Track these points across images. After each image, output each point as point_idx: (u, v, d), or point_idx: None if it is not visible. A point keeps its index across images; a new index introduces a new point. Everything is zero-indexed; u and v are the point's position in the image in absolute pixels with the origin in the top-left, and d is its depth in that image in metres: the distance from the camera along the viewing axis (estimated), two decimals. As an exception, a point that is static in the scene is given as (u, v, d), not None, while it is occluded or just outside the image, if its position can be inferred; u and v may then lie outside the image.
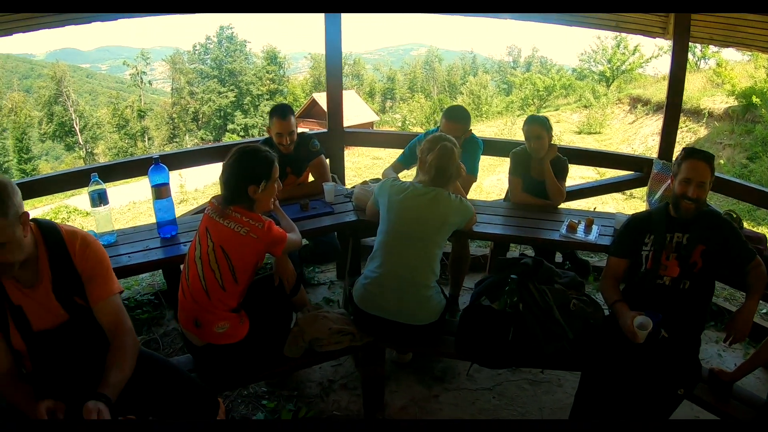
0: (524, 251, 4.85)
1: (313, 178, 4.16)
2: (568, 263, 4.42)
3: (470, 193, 3.82)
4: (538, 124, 3.86)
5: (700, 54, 29.54)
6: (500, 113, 42.82)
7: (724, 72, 21.64)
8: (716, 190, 4.36)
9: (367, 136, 6.97)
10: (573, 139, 25.67)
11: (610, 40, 38.78)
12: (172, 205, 3.29)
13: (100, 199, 3.10)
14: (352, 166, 20.83)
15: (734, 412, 2.70)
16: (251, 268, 2.65)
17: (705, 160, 2.76)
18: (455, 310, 3.92)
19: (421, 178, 3.08)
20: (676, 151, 3.60)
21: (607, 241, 3.31)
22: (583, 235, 3.39)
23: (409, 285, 2.87)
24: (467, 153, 3.71)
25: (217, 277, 2.55)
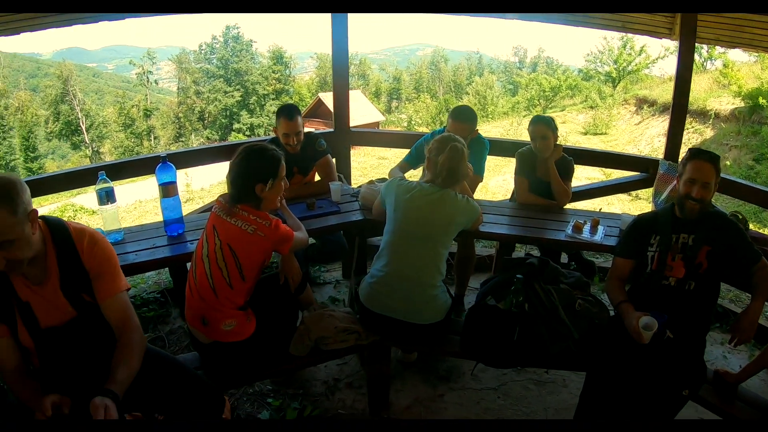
0: (530, 251, 4.85)
1: (320, 178, 4.16)
2: (574, 264, 4.42)
3: (476, 194, 3.81)
4: (543, 124, 3.86)
5: (707, 55, 29.41)
6: (506, 114, 42.80)
7: (731, 73, 21.58)
8: (722, 192, 4.35)
9: (373, 136, 6.97)
10: (579, 140, 25.61)
11: (617, 41, 38.72)
12: (179, 203, 3.30)
13: (107, 197, 3.11)
14: (358, 166, 20.86)
15: (739, 414, 2.70)
16: (258, 266, 2.66)
17: (710, 161, 2.76)
18: (461, 310, 3.92)
19: (428, 178, 3.07)
20: (682, 152, 3.60)
21: (613, 241, 3.31)
22: (589, 235, 3.39)
23: (415, 284, 2.88)
24: (474, 153, 3.71)
25: (225, 275, 2.56)
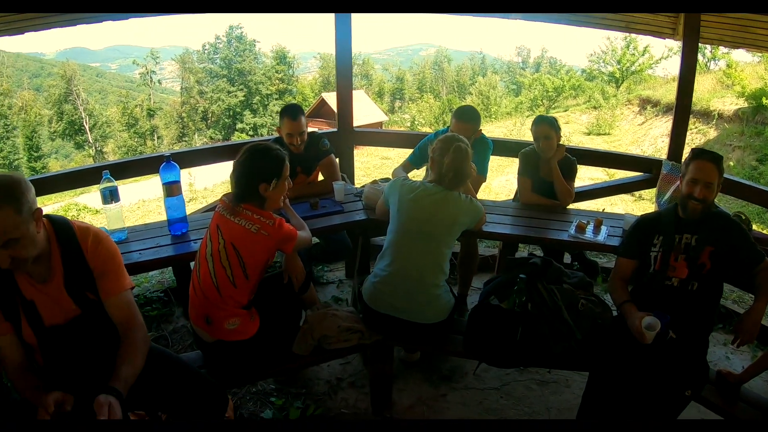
0: (533, 251, 4.85)
1: (323, 178, 4.17)
2: (577, 264, 4.42)
3: (479, 194, 3.82)
4: (546, 124, 3.87)
5: (710, 55, 29.31)
6: (509, 114, 42.70)
7: (734, 73, 21.48)
8: (726, 192, 4.34)
9: (377, 136, 6.97)
10: (582, 140, 25.54)
11: (620, 41, 38.50)
12: (182, 202, 3.30)
13: (111, 196, 3.12)
14: (361, 166, 20.83)
15: (741, 414, 2.70)
16: (262, 265, 2.67)
17: (712, 161, 2.76)
18: (463, 310, 3.92)
19: (432, 178, 3.08)
20: (685, 153, 3.59)
21: (616, 241, 3.31)
22: (592, 235, 3.39)
23: (418, 284, 2.88)
24: (477, 153, 3.70)
25: (228, 273, 2.57)
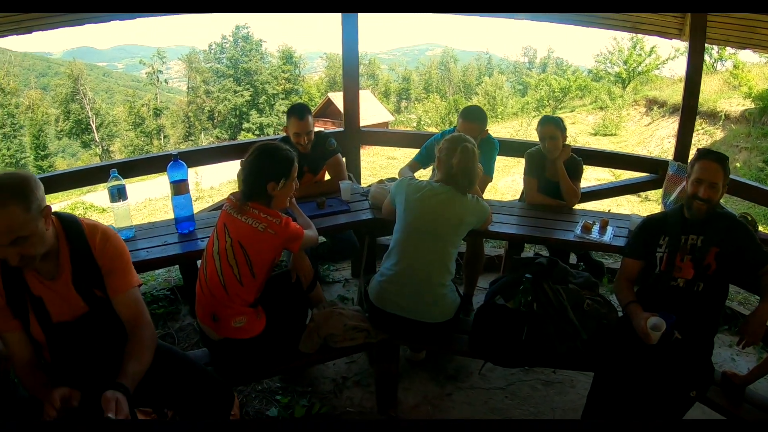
0: (539, 251, 4.85)
1: (330, 177, 4.18)
2: (583, 264, 4.42)
3: (485, 194, 3.82)
4: (552, 124, 3.87)
5: (717, 56, 29.25)
6: (515, 114, 42.64)
7: (741, 74, 21.43)
8: (732, 193, 4.34)
9: (383, 136, 6.98)
10: (588, 141, 25.49)
11: (626, 42, 38.44)
12: (190, 201, 3.32)
13: (119, 195, 3.14)
14: (368, 166, 20.86)
15: (746, 416, 2.69)
16: (269, 264, 2.68)
17: (717, 161, 2.75)
18: (469, 309, 3.93)
19: (439, 177, 3.08)
20: (691, 154, 3.59)
21: (622, 242, 3.30)
22: (598, 236, 3.38)
23: (424, 283, 2.89)
24: (483, 153, 3.70)
25: (235, 272, 2.58)
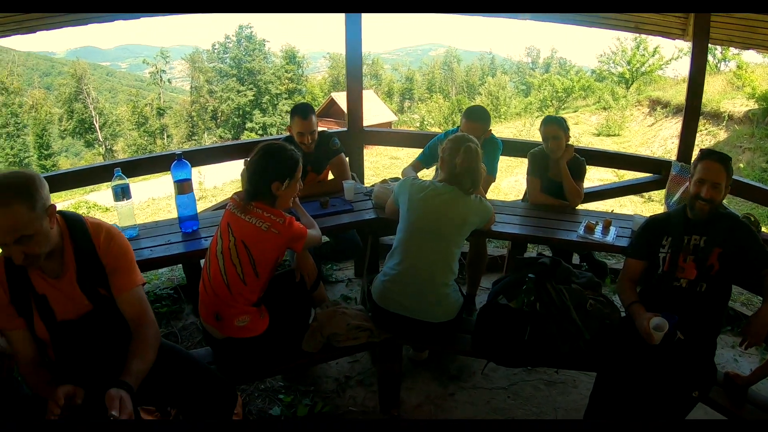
0: (541, 252, 4.85)
1: (333, 176, 4.19)
2: (586, 265, 4.42)
3: (488, 194, 3.83)
4: (555, 124, 3.87)
5: (721, 56, 29.11)
6: (519, 114, 42.56)
7: (745, 74, 21.32)
8: (735, 194, 4.34)
9: (387, 135, 6.97)
10: (592, 141, 25.41)
11: (630, 42, 38.16)
12: (193, 200, 3.33)
13: (123, 194, 3.14)
14: (371, 166, 20.83)
15: (749, 416, 2.69)
16: (272, 263, 2.68)
17: (720, 162, 2.76)
18: (472, 309, 3.92)
19: (442, 177, 3.08)
20: (695, 154, 3.60)
21: (625, 242, 3.30)
22: (601, 236, 3.39)
23: (427, 283, 2.89)
24: (487, 153, 3.71)
25: (239, 271, 2.59)
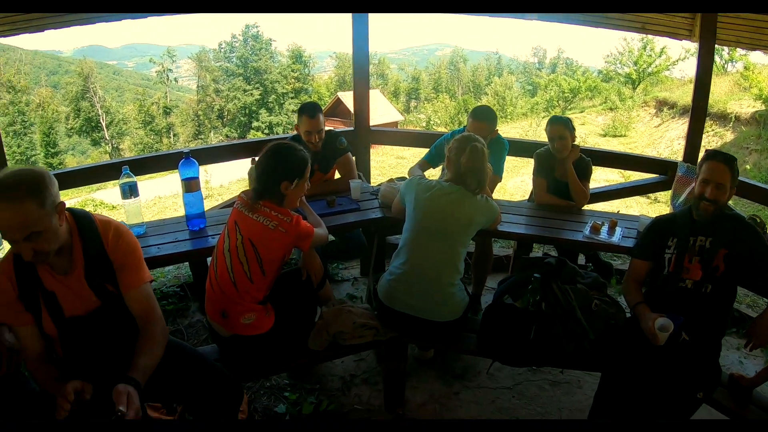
0: (547, 252, 4.85)
1: (340, 176, 4.21)
2: (591, 265, 4.42)
3: (494, 194, 3.82)
4: (560, 124, 3.87)
5: (728, 57, 29.00)
6: (525, 115, 42.51)
7: (752, 75, 21.21)
8: (741, 195, 4.32)
9: (393, 135, 6.99)
10: (598, 142, 25.36)
11: (637, 42, 38.01)
12: (201, 198, 3.35)
13: (130, 192, 3.16)
14: (377, 165, 20.86)
15: (753, 418, 2.69)
16: (279, 261, 2.70)
17: (725, 162, 2.74)
18: (477, 309, 3.93)
19: (448, 177, 3.09)
20: (701, 155, 3.59)
21: (631, 243, 3.30)
22: (607, 236, 3.38)
23: (433, 282, 2.90)
24: (493, 153, 3.70)
25: (245, 269, 2.60)
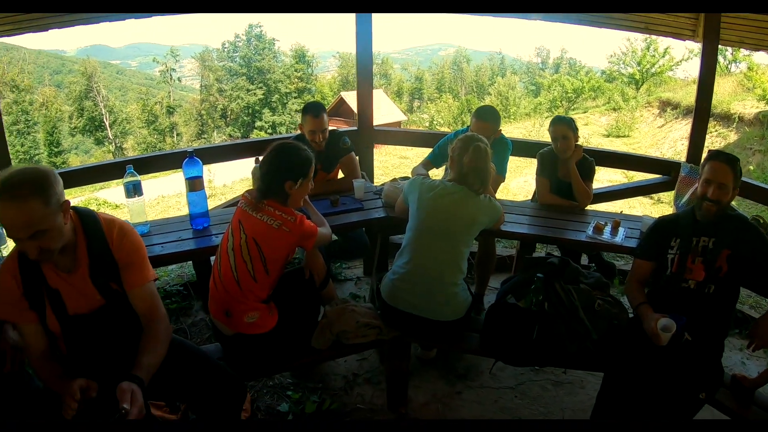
0: (550, 252, 4.85)
1: (343, 175, 4.21)
2: (594, 265, 4.41)
3: (497, 194, 3.83)
4: (563, 124, 3.87)
5: (731, 57, 28.94)
6: (528, 115, 42.44)
7: (755, 76, 21.16)
8: (744, 196, 4.32)
9: (396, 135, 6.98)
10: (601, 142, 25.30)
11: (640, 42, 37.89)
12: (204, 197, 3.35)
13: (134, 190, 3.18)
14: (380, 165, 20.83)
15: (755, 419, 2.68)
16: (282, 260, 2.70)
17: (727, 163, 2.74)
18: (480, 309, 3.94)
19: (452, 177, 3.10)
20: (704, 156, 3.60)
21: (634, 243, 3.30)
22: (610, 236, 3.39)
23: (436, 282, 2.90)
24: (496, 153, 3.70)
25: (249, 268, 2.61)
